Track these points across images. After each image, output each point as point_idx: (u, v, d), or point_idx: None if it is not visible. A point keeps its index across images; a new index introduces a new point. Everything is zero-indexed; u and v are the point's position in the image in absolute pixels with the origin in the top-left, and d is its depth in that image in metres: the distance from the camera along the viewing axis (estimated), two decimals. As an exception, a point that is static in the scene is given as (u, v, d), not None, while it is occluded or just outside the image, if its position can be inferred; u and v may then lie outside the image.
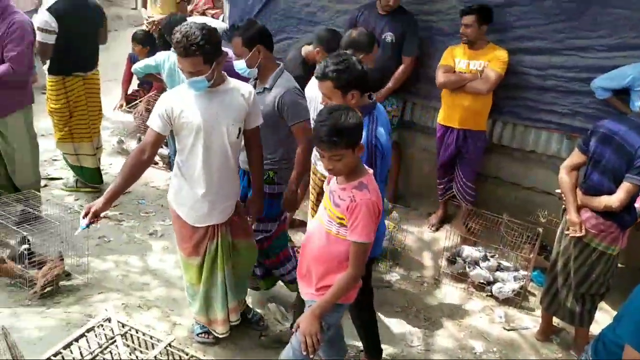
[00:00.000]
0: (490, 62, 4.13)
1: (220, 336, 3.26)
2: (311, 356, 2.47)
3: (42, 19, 4.22)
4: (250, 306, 3.57)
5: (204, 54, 2.66)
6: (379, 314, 3.58)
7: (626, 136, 2.96)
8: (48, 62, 4.47)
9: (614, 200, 3.00)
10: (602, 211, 3.08)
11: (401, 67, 4.47)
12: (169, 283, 3.86)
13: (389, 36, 4.42)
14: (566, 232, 3.25)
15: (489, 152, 4.56)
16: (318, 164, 3.50)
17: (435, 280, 4.19)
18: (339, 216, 2.37)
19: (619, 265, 3.55)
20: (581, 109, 4.11)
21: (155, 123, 2.82)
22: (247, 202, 3.26)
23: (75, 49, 4.39)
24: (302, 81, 3.55)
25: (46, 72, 4.61)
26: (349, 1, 4.88)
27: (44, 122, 5.36)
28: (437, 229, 4.72)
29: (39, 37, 4.17)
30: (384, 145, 2.67)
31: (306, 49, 4.12)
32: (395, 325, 3.71)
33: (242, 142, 3.06)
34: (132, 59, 5.90)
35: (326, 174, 2.63)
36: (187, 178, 2.96)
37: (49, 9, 4.24)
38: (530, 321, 3.82)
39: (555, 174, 3.40)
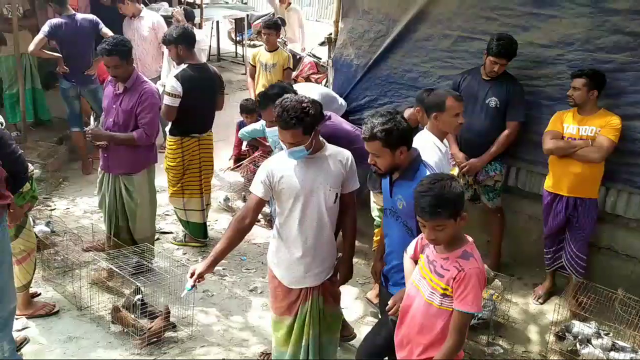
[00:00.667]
0: (603, 129, 3.97)
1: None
2: None
3: (170, 84, 4.63)
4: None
5: (304, 126, 2.78)
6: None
7: None
8: (169, 123, 4.87)
9: None
10: None
11: (505, 132, 4.41)
12: (267, 341, 3.92)
13: (492, 101, 4.39)
14: None
15: (601, 222, 4.31)
16: None
17: (542, 357, 3.93)
18: (443, 287, 2.33)
19: None
20: None
21: (257, 189, 2.96)
22: (337, 265, 3.27)
23: (195, 113, 4.74)
24: None
25: (167, 133, 5.01)
26: (450, 67, 4.93)
27: (159, 178, 5.76)
28: (544, 301, 4.47)
29: (166, 100, 4.58)
30: None
31: (408, 112, 4.21)
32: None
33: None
34: (240, 126, 6.28)
35: None
36: (285, 240, 3.06)
37: (176, 76, 4.64)
38: (652, 410, 3.47)
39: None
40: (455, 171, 4.44)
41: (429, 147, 3.25)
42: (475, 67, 4.58)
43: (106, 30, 6.13)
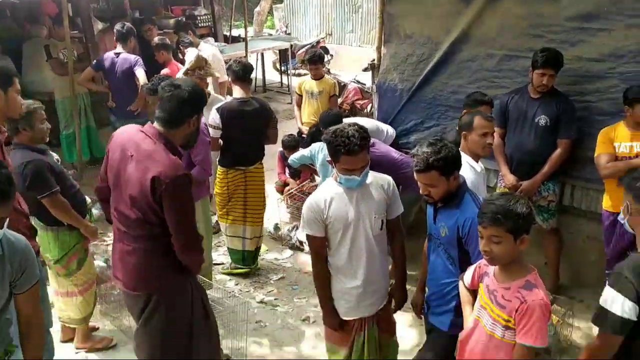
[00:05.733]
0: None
1: None
2: None
3: (211, 116, 4.76)
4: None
5: (368, 149, 2.84)
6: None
7: None
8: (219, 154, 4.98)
9: None
10: None
11: (557, 151, 4.28)
12: (321, 372, 3.89)
13: (542, 119, 4.28)
14: None
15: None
16: None
17: (610, 384, 3.73)
18: (504, 318, 2.25)
19: None
20: None
21: (312, 230, 2.97)
22: (390, 291, 3.23)
23: (236, 146, 4.85)
24: None
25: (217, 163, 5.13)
26: (497, 86, 4.85)
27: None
28: (608, 325, 4.24)
29: (210, 132, 4.69)
30: None
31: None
32: None
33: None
34: (282, 156, 6.44)
35: None
36: (336, 270, 3.05)
37: (217, 108, 4.78)
38: None
39: None
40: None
41: (463, 166, 3.21)
42: (523, 86, 4.48)
43: (139, 73, 6.28)
